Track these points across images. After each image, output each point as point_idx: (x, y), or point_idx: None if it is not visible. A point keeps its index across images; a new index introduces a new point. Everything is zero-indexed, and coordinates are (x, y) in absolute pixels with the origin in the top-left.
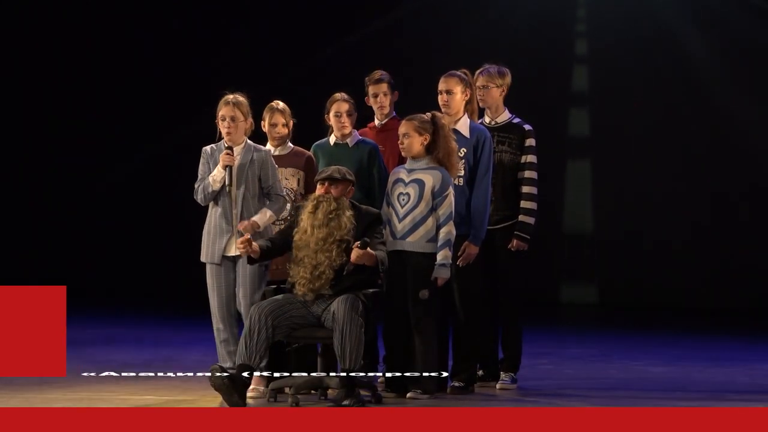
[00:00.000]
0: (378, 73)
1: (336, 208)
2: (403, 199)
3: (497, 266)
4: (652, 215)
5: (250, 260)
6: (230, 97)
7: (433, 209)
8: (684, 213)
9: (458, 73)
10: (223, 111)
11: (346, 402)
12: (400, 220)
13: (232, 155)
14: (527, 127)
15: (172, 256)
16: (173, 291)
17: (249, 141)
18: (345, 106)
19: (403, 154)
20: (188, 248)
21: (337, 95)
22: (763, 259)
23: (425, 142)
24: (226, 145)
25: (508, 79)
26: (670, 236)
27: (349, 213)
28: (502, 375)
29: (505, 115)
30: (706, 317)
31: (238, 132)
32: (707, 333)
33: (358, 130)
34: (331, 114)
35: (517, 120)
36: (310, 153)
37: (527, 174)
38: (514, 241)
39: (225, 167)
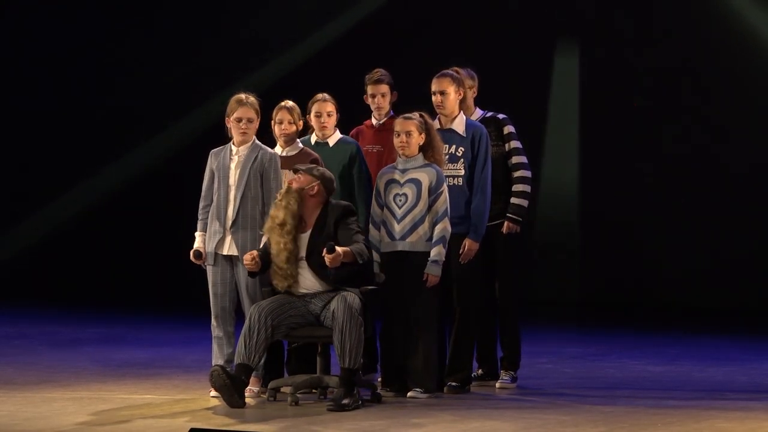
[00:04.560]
0: (378, 73)
1: (286, 194)
2: (401, 200)
3: (494, 264)
4: (652, 213)
5: (252, 274)
6: (243, 96)
7: (430, 207)
8: (685, 211)
9: (450, 72)
10: (239, 112)
11: (345, 401)
12: (399, 221)
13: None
14: (501, 116)
15: (172, 256)
16: (173, 291)
17: (257, 141)
18: (326, 107)
19: (401, 152)
20: (188, 248)
21: (319, 95)
22: (764, 259)
23: (422, 142)
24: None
25: (476, 80)
26: (671, 235)
27: (291, 200)
28: (502, 374)
29: (476, 114)
30: (706, 317)
31: (251, 131)
32: (707, 333)
33: (354, 128)
34: (312, 114)
35: (489, 114)
36: (317, 155)
37: (515, 160)
38: (506, 224)
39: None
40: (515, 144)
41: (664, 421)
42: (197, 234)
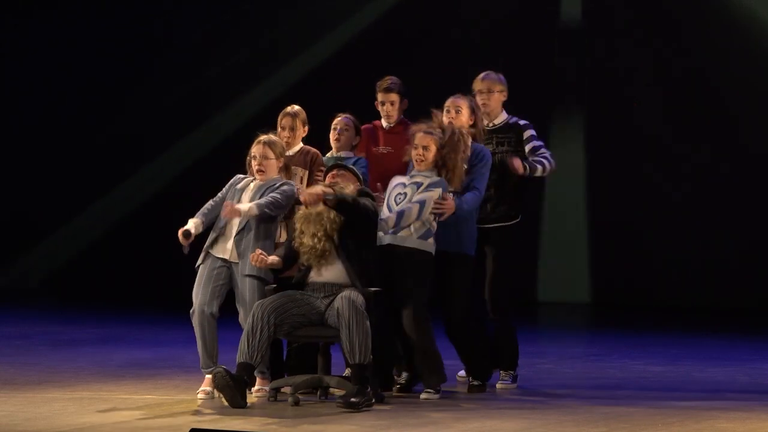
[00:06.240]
0: (388, 81)
1: (338, 186)
2: (400, 198)
3: (487, 265)
4: (652, 213)
5: (274, 271)
6: (263, 137)
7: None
8: (685, 211)
9: (468, 97)
10: (253, 150)
11: (356, 399)
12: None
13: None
14: (522, 122)
15: (172, 256)
16: (173, 291)
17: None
18: (341, 121)
19: (417, 165)
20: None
21: (339, 116)
22: (763, 259)
23: (438, 157)
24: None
25: (506, 86)
26: (671, 235)
27: (349, 187)
28: (502, 374)
29: (502, 116)
30: (706, 317)
31: (269, 170)
32: (707, 333)
33: (363, 125)
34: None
35: (513, 120)
36: (317, 151)
37: (540, 154)
38: (517, 161)
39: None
40: (536, 143)
41: (665, 421)
42: (191, 219)
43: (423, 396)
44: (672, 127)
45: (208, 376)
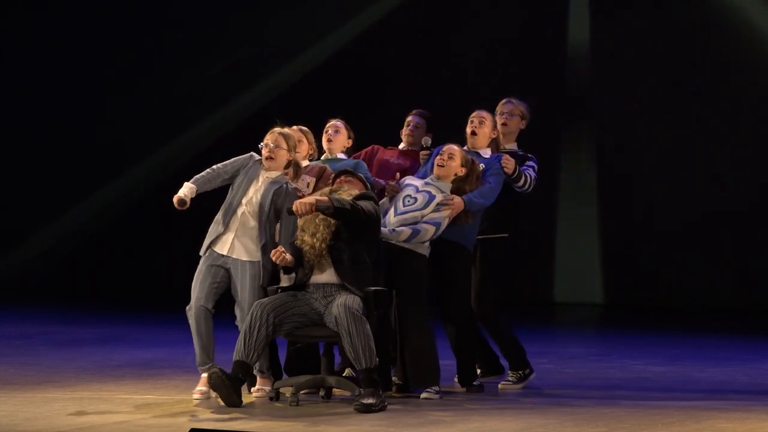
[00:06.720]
0: (421, 110)
1: (344, 191)
2: (409, 201)
3: (473, 274)
4: (654, 214)
5: (287, 270)
6: (278, 128)
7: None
8: (686, 212)
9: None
10: (267, 138)
11: (370, 401)
12: (396, 215)
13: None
14: (530, 155)
15: (172, 256)
16: (173, 291)
17: (286, 177)
18: (333, 125)
19: (436, 170)
20: (188, 248)
21: (331, 119)
22: (763, 259)
23: (460, 173)
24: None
25: (528, 117)
26: (672, 235)
27: (353, 192)
28: (510, 374)
29: (513, 145)
30: (706, 317)
31: (278, 159)
32: (707, 333)
33: (375, 145)
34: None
35: (521, 152)
36: (325, 166)
37: (527, 170)
38: (511, 160)
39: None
40: (527, 166)
41: (665, 421)
42: (187, 183)
43: (423, 396)
44: (675, 129)
45: (204, 376)
